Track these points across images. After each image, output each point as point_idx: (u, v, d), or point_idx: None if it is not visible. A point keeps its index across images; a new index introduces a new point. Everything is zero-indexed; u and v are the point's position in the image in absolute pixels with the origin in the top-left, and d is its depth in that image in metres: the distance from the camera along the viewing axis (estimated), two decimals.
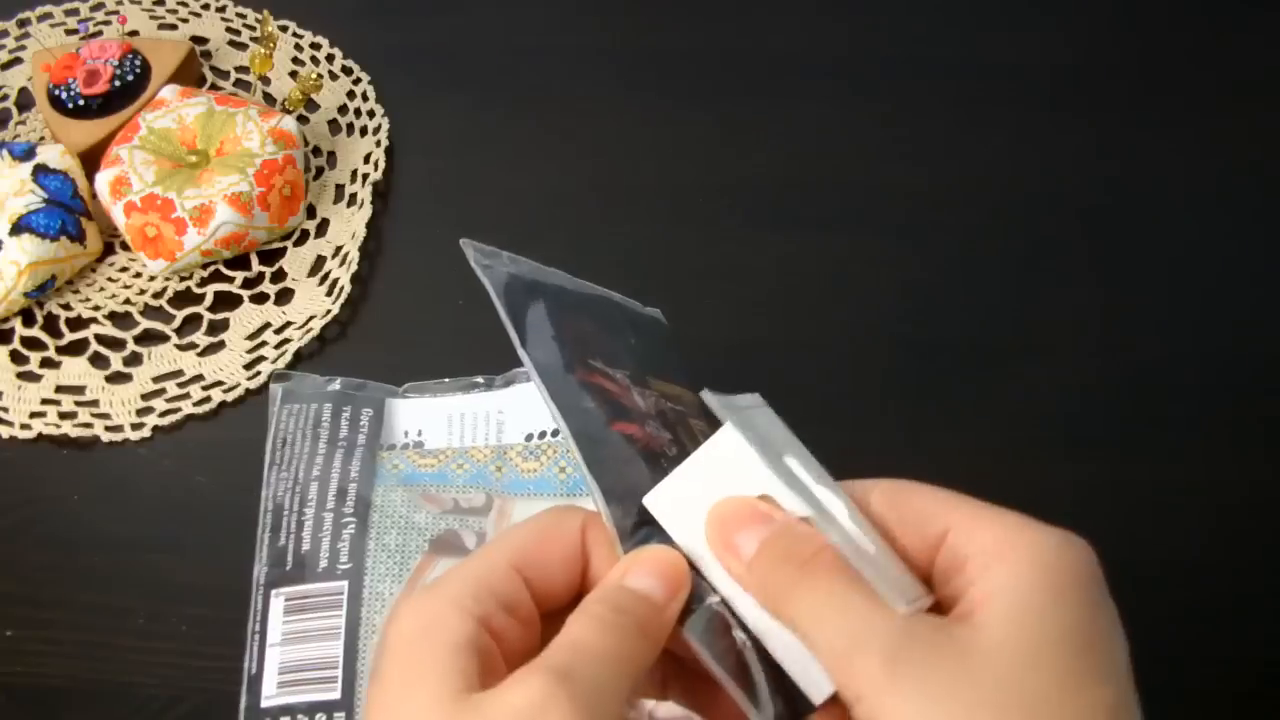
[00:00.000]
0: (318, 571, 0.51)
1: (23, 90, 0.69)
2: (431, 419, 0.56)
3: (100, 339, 0.60)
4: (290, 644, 0.50)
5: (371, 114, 0.67)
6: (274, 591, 0.51)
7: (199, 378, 0.59)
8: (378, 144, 0.66)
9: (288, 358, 0.59)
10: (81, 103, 0.64)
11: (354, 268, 0.62)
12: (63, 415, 0.58)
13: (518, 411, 0.56)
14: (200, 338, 0.60)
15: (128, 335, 0.60)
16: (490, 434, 0.56)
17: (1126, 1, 0.70)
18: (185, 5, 0.72)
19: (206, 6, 0.72)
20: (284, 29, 0.71)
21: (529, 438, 0.55)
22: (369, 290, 0.62)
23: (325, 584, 0.51)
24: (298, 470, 0.54)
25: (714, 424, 0.34)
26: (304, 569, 0.51)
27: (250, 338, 0.60)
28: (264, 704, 0.49)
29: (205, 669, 0.51)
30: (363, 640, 0.50)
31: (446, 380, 0.57)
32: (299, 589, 0.51)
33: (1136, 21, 0.69)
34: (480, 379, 0.57)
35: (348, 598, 0.50)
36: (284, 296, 0.61)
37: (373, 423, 0.55)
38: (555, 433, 0.55)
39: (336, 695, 0.49)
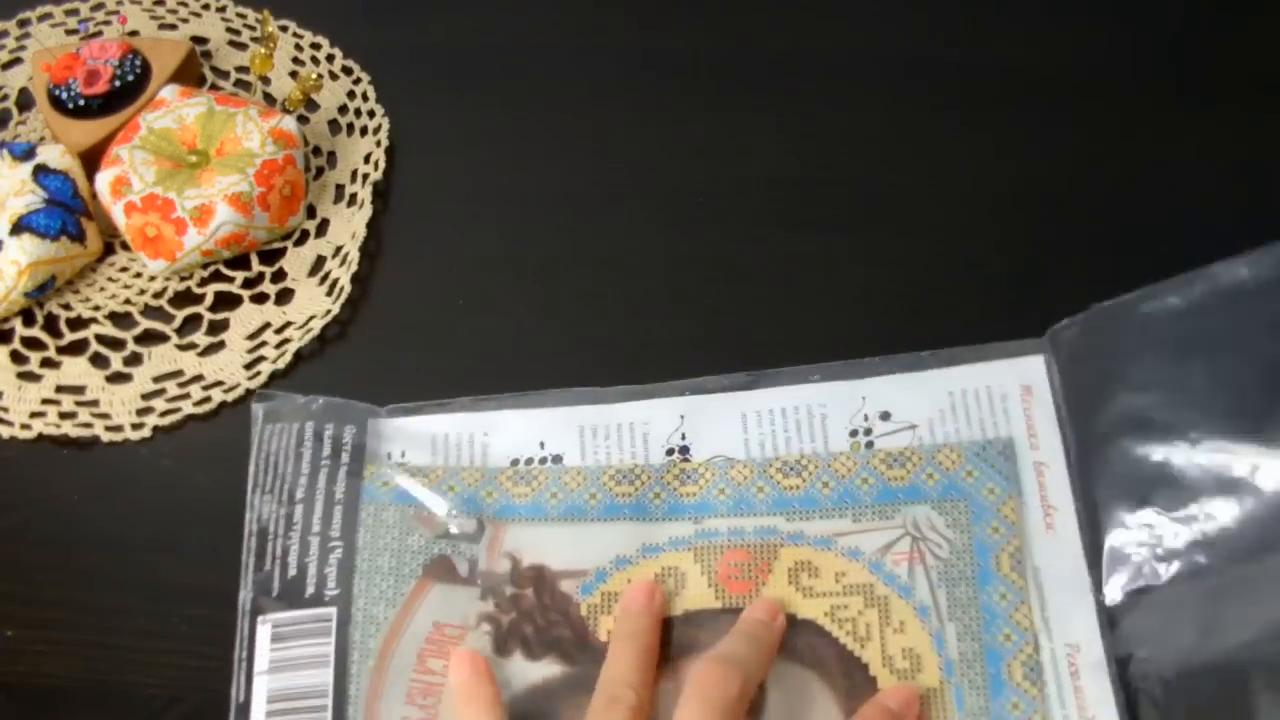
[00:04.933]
0: (305, 598, 0.51)
1: (23, 90, 0.69)
2: (414, 439, 0.55)
3: (100, 339, 0.60)
4: (278, 672, 0.50)
5: (371, 114, 0.67)
6: (260, 618, 0.51)
7: (199, 378, 0.59)
8: (378, 144, 0.66)
9: (288, 358, 0.59)
10: (81, 103, 0.64)
11: (354, 268, 0.62)
12: (63, 415, 0.58)
13: (501, 434, 0.55)
14: (200, 338, 0.60)
15: (128, 335, 0.60)
16: (475, 455, 0.55)
17: (1127, 1, 0.70)
18: (185, 5, 0.72)
19: (206, 6, 0.72)
20: (284, 29, 0.71)
21: (514, 462, 0.55)
22: (369, 290, 0.62)
23: (313, 610, 0.50)
24: (282, 493, 0.53)
25: None
26: (291, 595, 0.51)
27: (250, 338, 0.60)
28: None
29: (205, 669, 0.51)
30: (354, 665, 0.49)
31: (431, 401, 0.56)
32: (286, 615, 0.51)
33: (1137, 21, 0.69)
34: (463, 399, 0.56)
35: (336, 624, 0.50)
36: (284, 296, 0.61)
37: (355, 440, 0.55)
38: (544, 459, 0.55)
39: None
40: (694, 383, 0.56)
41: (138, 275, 0.62)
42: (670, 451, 0.54)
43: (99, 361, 0.60)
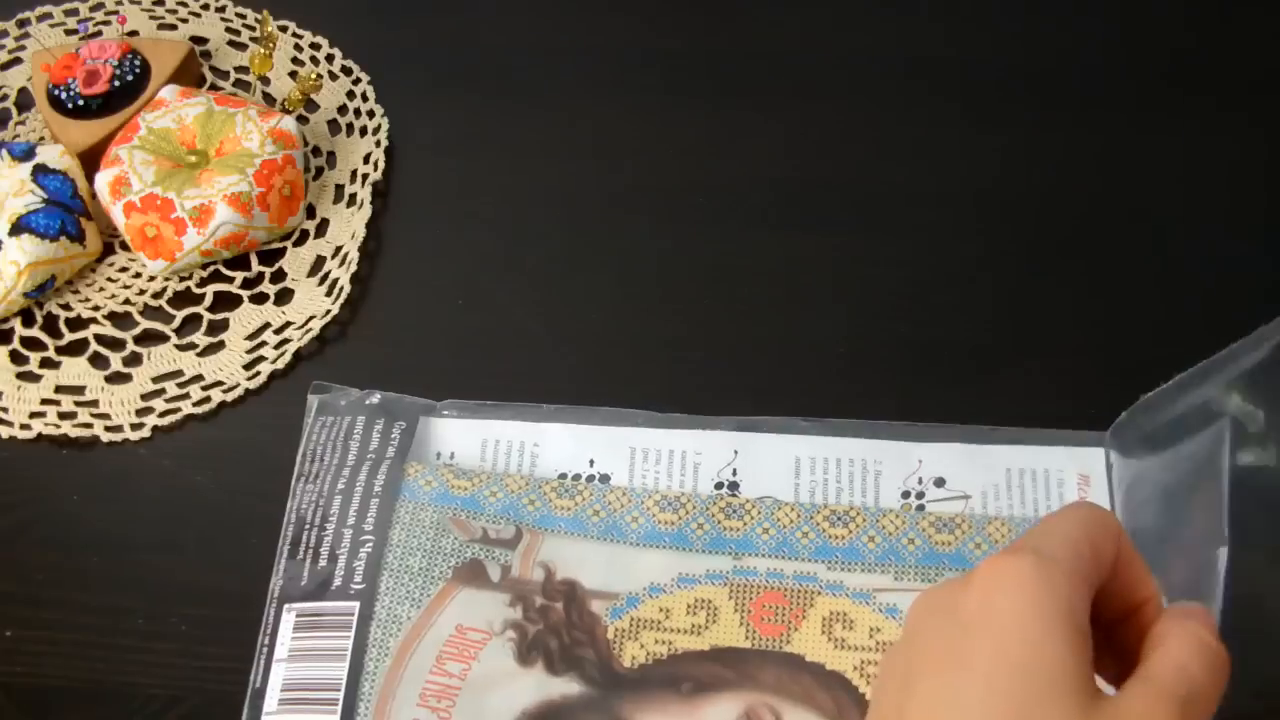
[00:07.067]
0: (331, 590, 0.51)
1: (22, 90, 0.69)
2: (464, 441, 0.55)
3: (100, 339, 0.60)
4: (296, 661, 0.49)
5: (371, 114, 0.67)
6: (286, 606, 0.51)
7: (199, 378, 0.59)
8: (378, 144, 0.66)
9: (287, 358, 0.59)
10: (81, 103, 0.64)
11: (354, 268, 0.62)
12: (62, 415, 0.58)
13: (552, 446, 0.55)
14: (200, 338, 0.60)
15: (127, 335, 0.60)
16: (524, 464, 0.55)
17: (1127, 1, 0.70)
18: (185, 5, 0.72)
19: (206, 6, 0.72)
20: (284, 29, 0.71)
21: (562, 476, 0.54)
22: (369, 290, 0.62)
23: (337, 603, 0.50)
24: (323, 485, 0.53)
25: None
26: (318, 586, 0.51)
27: (250, 338, 0.60)
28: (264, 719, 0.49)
29: (205, 669, 0.51)
30: (370, 663, 0.49)
31: (488, 403, 0.56)
32: (311, 605, 0.50)
33: (1137, 21, 0.69)
34: (518, 405, 0.56)
35: (358, 619, 0.50)
36: (284, 296, 0.61)
37: (404, 436, 0.55)
38: (591, 477, 0.54)
39: (335, 718, 0.48)
40: (752, 420, 0.55)
41: (137, 275, 0.62)
42: (719, 485, 0.54)
43: (98, 362, 0.60)
